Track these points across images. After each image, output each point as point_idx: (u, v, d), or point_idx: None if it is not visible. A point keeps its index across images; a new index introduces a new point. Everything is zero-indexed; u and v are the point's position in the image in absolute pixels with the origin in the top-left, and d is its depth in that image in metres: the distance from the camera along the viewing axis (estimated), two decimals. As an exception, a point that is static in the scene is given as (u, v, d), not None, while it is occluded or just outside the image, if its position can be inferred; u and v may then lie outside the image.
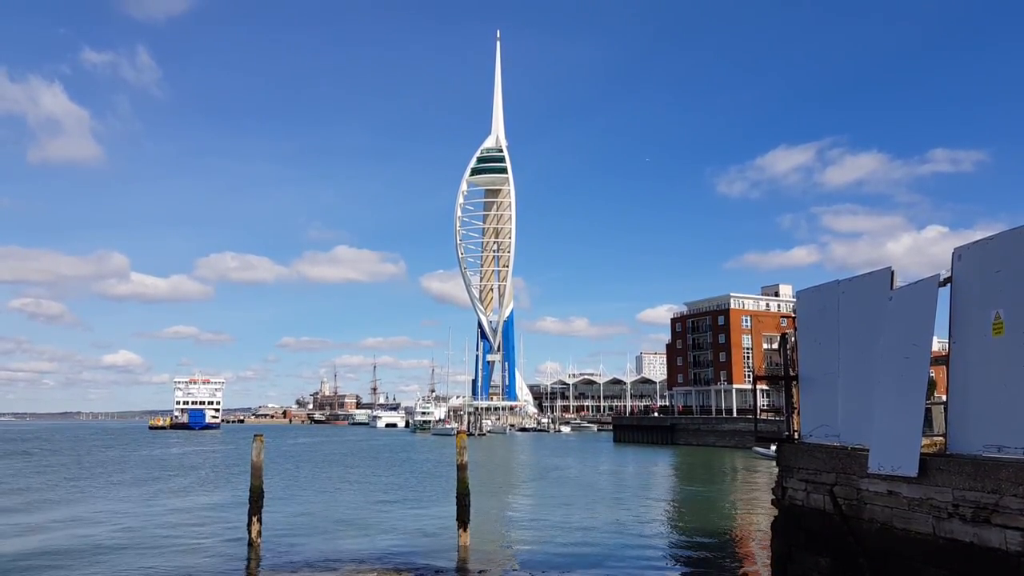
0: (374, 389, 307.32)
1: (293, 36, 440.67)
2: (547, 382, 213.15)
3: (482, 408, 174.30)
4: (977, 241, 10.92)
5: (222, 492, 41.09)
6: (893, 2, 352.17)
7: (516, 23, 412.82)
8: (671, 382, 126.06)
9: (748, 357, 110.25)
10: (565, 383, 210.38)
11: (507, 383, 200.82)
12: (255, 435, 25.32)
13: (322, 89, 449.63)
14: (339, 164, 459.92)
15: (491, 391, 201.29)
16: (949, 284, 11.16)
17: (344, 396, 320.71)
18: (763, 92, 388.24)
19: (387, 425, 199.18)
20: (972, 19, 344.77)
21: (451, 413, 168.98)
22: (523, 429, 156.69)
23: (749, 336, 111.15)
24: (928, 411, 12.79)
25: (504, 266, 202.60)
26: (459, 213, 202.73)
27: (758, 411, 69.10)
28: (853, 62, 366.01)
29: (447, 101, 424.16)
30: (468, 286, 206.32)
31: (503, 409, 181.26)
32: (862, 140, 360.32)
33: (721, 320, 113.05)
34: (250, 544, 22.94)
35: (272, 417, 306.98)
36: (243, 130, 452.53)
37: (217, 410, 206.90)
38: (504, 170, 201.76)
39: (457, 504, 22.73)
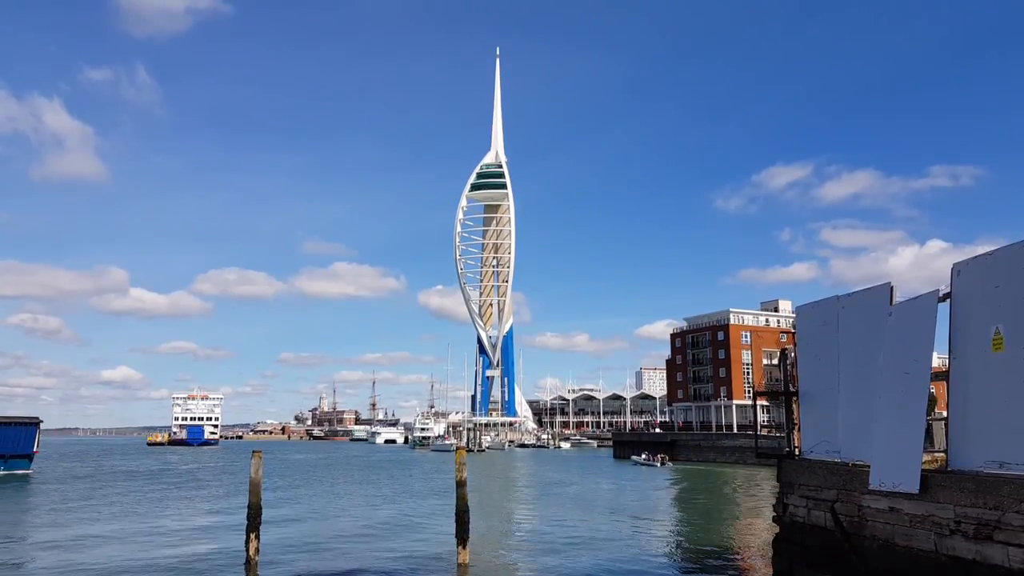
0: (373, 405, 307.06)
1: (298, 52, 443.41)
2: (547, 398, 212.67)
3: (481, 424, 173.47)
4: (976, 257, 10.92)
5: (220, 510, 40.84)
6: (889, 19, 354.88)
7: (523, 39, 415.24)
8: (671, 398, 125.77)
9: (748, 373, 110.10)
10: (565, 399, 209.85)
11: (506, 399, 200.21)
12: (254, 451, 25.17)
13: (324, 104, 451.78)
14: (340, 179, 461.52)
15: (490, 407, 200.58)
16: (949, 299, 11.16)
17: (343, 412, 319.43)
18: (759, 110, 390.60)
19: (386, 441, 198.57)
20: (969, 34, 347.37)
21: (450, 429, 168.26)
22: (522, 445, 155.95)
23: (749, 352, 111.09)
24: (929, 427, 12.74)
25: (504, 281, 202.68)
26: (459, 228, 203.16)
27: (758, 427, 68.85)
28: (850, 79, 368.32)
29: (449, 116, 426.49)
30: (467, 301, 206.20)
31: (502, 425, 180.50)
32: (859, 157, 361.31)
33: (721, 335, 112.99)
34: (248, 563, 22.76)
35: (271, 433, 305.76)
36: (244, 144, 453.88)
37: (216, 426, 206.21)
38: (503, 186, 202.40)
39: (456, 521, 22.58)
